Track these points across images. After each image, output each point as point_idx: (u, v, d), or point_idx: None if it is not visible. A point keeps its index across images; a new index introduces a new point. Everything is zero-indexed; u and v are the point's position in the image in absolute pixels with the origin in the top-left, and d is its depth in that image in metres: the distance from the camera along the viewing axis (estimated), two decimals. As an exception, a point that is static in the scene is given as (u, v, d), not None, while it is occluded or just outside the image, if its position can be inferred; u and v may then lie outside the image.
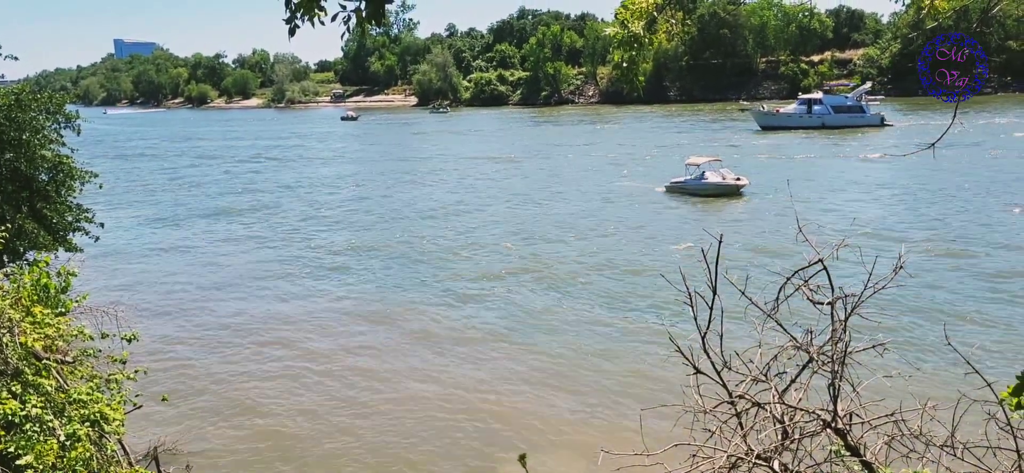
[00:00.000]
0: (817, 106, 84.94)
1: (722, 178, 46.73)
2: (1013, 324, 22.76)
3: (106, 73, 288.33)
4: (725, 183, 46.46)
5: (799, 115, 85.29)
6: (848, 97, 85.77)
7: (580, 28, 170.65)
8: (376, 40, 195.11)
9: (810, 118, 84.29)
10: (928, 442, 5.15)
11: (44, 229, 19.20)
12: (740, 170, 50.33)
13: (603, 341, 23.43)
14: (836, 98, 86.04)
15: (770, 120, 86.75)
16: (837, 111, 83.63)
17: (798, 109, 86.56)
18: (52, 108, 19.90)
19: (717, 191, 46.08)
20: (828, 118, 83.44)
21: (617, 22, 6.54)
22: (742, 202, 44.67)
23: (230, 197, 55.47)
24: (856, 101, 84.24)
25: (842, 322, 5.40)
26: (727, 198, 45.54)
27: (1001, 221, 35.92)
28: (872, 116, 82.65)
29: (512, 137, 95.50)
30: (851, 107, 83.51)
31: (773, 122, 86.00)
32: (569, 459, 16.61)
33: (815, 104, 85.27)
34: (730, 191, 46.12)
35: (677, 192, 47.88)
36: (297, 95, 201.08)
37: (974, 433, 5.03)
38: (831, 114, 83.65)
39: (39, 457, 7.29)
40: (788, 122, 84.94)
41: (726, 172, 47.64)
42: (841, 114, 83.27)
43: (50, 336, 9.11)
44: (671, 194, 47.86)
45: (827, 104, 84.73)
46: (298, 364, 22.80)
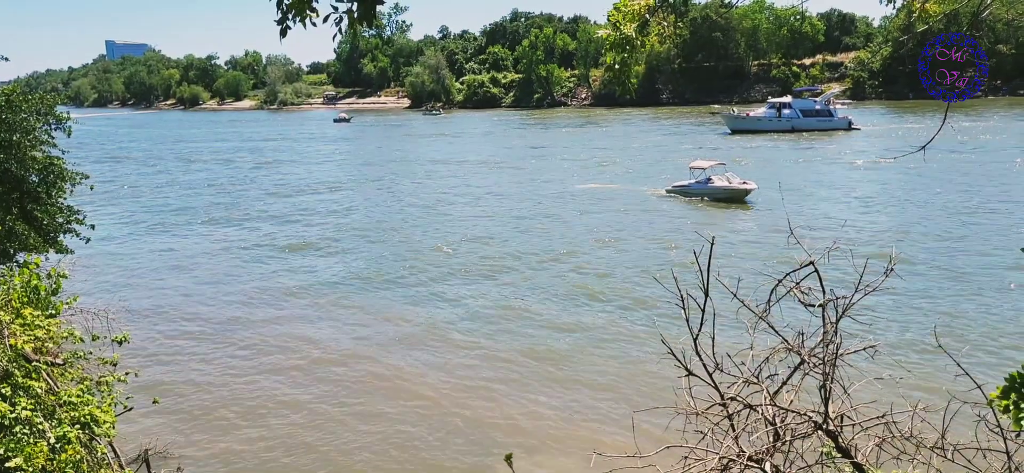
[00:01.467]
0: (786, 110, 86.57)
1: (728, 182, 45.50)
2: (1003, 326, 22.86)
3: (97, 74, 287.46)
4: (732, 187, 45.13)
5: (769, 118, 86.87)
6: (817, 101, 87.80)
7: (573, 31, 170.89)
8: (369, 42, 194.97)
9: (780, 121, 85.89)
10: (919, 444, 5.18)
11: (34, 231, 19.12)
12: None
13: (595, 343, 23.43)
14: (805, 102, 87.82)
15: (740, 123, 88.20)
16: (806, 115, 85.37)
17: (768, 112, 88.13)
18: (43, 109, 19.82)
19: (724, 195, 44.92)
20: (797, 122, 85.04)
21: (609, 24, 6.55)
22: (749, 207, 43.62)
23: (219, 199, 55.30)
24: (824, 105, 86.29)
25: (833, 324, 5.42)
26: (734, 203, 44.36)
27: (991, 223, 36.09)
28: (840, 120, 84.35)
29: (504, 140, 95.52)
30: (819, 111, 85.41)
31: (743, 125, 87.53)
32: (561, 461, 16.60)
33: (784, 108, 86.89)
34: (737, 195, 44.80)
35: (680, 196, 46.87)
36: (290, 97, 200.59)
37: (964, 435, 5.05)
38: (800, 118, 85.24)
39: (29, 460, 7.25)
40: (758, 125, 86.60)
41: (731, 176, 46.38)
42: (810, 118, 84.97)
43: (40, 338, 9.06)
44: (673, 198, 46.82)
45: (796, 108, 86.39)
46: (289, 366, 22.74)
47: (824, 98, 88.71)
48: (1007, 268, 28.29)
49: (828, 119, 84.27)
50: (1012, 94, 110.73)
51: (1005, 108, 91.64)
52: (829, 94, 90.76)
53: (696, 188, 46.44)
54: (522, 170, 64.34)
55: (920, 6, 6.41)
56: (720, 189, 45.23)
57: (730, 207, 43.67)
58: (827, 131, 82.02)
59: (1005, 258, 29.64)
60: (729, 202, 44.59)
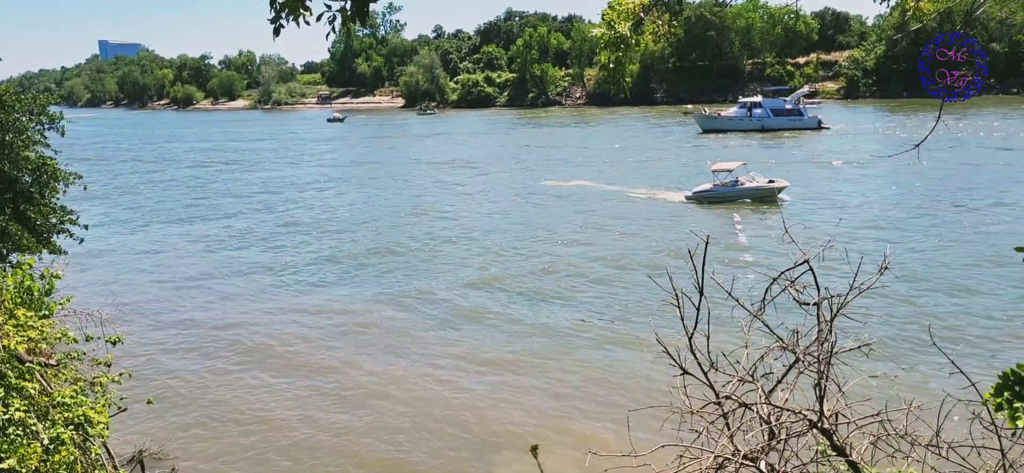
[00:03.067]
0: (757, 109, 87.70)
1: (754, 181, 43.65)
2: (997, 324, 22.93)
3: (91, 74, 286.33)
4: (763, 186, 43.22)
5: (740, 118, 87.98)
6: (787, 101, 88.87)
7: (567, 30, 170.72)
8: (363, 42, 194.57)
9: (750, 121, 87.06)
10: (913, 442, 5.18)
11: (28, 231, 19.02)
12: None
13: (590, 343, 23.44)
14: (775, 101, 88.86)
15: (712, 123, 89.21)
16: (776, 114, 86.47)
17: (739, 112, 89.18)
18: (36, 109, 19.72)
19: (755, 196, 43.03)
20: (768, 121, 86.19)
21: (604, 23, 6.54)
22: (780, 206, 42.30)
23: (211, 200, 55.22)
24: (794, 105, 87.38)
25: (828, 322, 5.43)
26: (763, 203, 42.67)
27: (985, 221, 36.20)
28: (809, 119, 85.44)
29: (499, 140, 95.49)
30: (790, 110, 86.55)
31: (715, 125, 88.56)
32: (557, 460, 16.59)
33: (755, 107, 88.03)
34: (770, 194, 42.94)
35: (705, 201, 44.26)
36: (283, 97, 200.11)
37: (959, 432, 5.06)
38: (771, 117, 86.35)
39: (22, 461, 7.22)
40: (729, 125, 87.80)
41: (755, 175, 44.71)
42: (780, 117, 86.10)
43: (34, 339, 9.03)
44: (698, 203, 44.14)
45: (767, 107, 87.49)
46: (284, 367, 22.71)
47: (793, 97, 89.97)
48: (1000, 266, 28.36)
49: (798, 118, 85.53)
50: (1005, 92, 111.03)
51: (998, 106, 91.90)
52: (798, 93, 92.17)
53: (722, 191, 44.11)
54: (513, 171, 64.36)
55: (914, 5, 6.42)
56: (751, 190, 43.32)
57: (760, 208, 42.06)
58: (797, 130, 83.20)
59: (999, 256, 29.71)
60: (759, 202, 42.76)
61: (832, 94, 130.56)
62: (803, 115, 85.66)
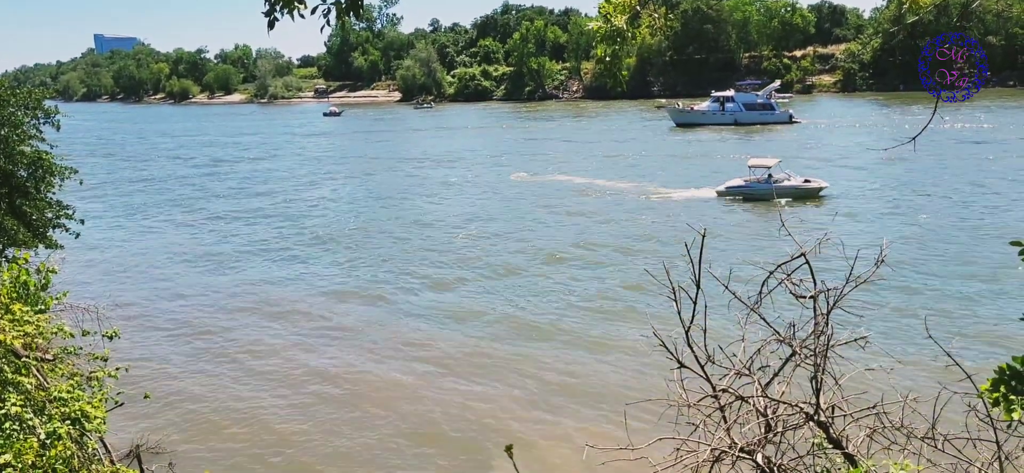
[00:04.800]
0: (729, 104, 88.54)
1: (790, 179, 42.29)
2: (994, 317, 22.98)
3: (86, 69, 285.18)
4: (804, 186, 41.75)
5: (713, 112, 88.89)
6: (758, 95, 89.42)
7: (564, 23, 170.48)
8: (359, 35, 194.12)
9: (723, 115, 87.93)
10: (909, 434, 5.20)
11: (23, 225, 18.99)
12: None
13: (586, 338, 23.46)
14: (747, 96, 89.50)
15: (685, 117, 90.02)
16: (748, 109, 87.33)
17: (711, 106, 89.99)
18: (31, 104, 19.68)
19: (792, 194, 41.51)
20: (740, 115, 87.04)
21: (600, 17, 6.52)
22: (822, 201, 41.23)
23: (205, 194, 55.16)
24: (766, 99, 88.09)
25: (824, 316, 5.44)
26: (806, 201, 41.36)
27: (981, 214, 36.26)
28: (781, 113, 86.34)
29: (498, 134, 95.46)
30: (761, 105, 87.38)
31: (688, 119, 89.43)
32: (553, 455, 16.63)
33: (727, 102, 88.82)
34: (810, 194, 41.57)
35: (738, 198, 42.81)
36: (280, 91, 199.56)
37: (955, 425, 5.07)
38: (743, 111, 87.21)
39: (18, 455, 7.20)
40: (702, 119, 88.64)
41: (791, 173, 43.50)
42: (752, 111, 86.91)
43: (30, 334, 8.99)
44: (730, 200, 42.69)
45: (739, 102, 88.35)
46: (280, 363, 22.71)
47: (765, 92, 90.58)
48: (997, 260, 28.42)
49: (770, 113, 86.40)
50: (1001, 85, 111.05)
51: (993, 99, 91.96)
52: (770, 87, 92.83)
53: (758, 188, 42.49)
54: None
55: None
56: (790, 188, 41.71)
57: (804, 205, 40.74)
58: (768, 124, 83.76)
59: (995, 249, 29.78)
60: (798, 200, 41.45)
61: (829, 87, 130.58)
62: (774, 110, 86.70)
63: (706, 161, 59.43)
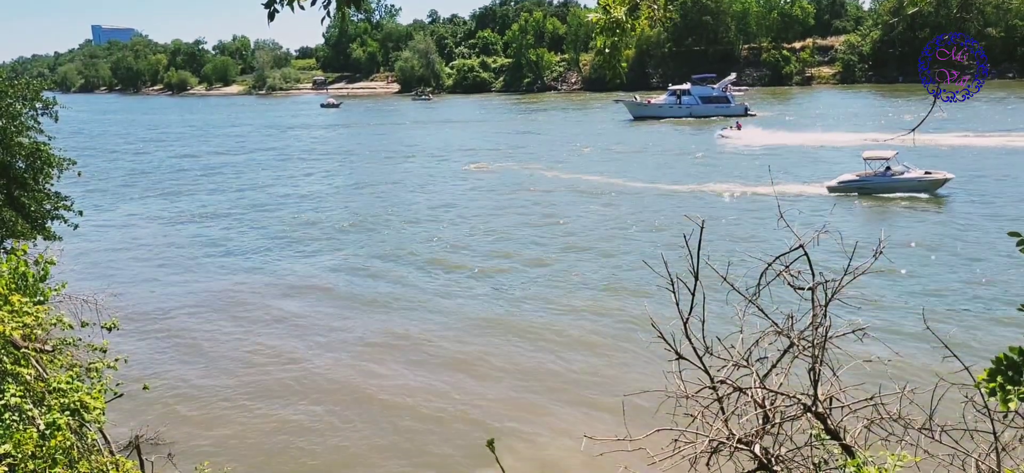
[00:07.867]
0: (686, 97, 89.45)
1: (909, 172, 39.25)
2: (990, 308, 23.02)
3: (84, 60, 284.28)
4: (925, 178, 38.64)
5: (669, 105, 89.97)
6: (714, 88, 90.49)
7: (563, 15, 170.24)
8: (358, 27, 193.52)
9: (680, 108, 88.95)
10: (907, 425, 5.20)
11: (22, 217, 18.96)
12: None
13: (585, 329, 23.49)
14: (703, 89, 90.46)
15: (643, 110, 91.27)
16: (705, 101, 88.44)
17: (669, 100, 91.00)
18: (29, 95, 19.63)
19: (913, 188, 38.69)
20: (696, 108, 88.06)
21: (599, 8, 6.52)
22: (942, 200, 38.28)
23: (205, 187, 55.22)
24: (722, 92, 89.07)
25: (822, 307, 5.44)
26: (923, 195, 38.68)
27: (978, 206, 36.26)
28: (736, 106, 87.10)
29: (497, 126, 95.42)
30: (717, 97, 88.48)
31: (645, 112, 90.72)
32: (551, 445, 16.66)
33: (684, 95, 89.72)
34: (931, 187, 38.49)
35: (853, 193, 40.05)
36: (278, 82, 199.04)
37: (952, 416, 5.08)
38: (699, 104, 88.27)
39: (18, 446, 7.22)
40: (659, 112, 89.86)
41: (910, 165, 40.05)
42: (708, 104, 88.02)
43: (29, 325, 8.99)
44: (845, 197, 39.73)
45: (696, 95, 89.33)
46: (279, 356, 22.74)
47: (721, 85, 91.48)
48: (994, 251, 28.46)
49: (726, 106, 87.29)
50: (1000, 77, 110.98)
51: (992, 90, 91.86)
52: (726, 81, 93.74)
53: (873, 182, 39.83)
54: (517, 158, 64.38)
55: (910, -11, 6.41)
56: (911, 181, 38.90)
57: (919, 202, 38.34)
58: (724, 117, 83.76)
59: (992, 241, 29.81)
60: (916, 194, 38.72)
61: (828, 79, 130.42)
62: (730, 103, 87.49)
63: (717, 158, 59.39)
